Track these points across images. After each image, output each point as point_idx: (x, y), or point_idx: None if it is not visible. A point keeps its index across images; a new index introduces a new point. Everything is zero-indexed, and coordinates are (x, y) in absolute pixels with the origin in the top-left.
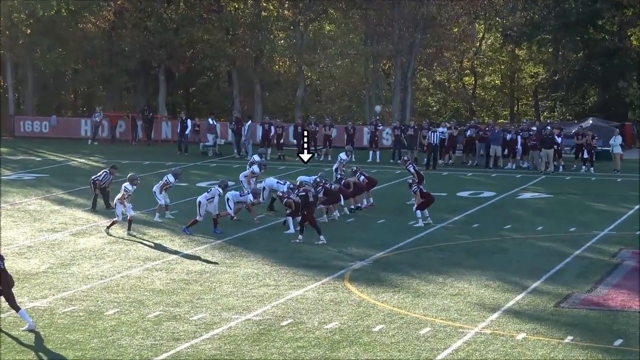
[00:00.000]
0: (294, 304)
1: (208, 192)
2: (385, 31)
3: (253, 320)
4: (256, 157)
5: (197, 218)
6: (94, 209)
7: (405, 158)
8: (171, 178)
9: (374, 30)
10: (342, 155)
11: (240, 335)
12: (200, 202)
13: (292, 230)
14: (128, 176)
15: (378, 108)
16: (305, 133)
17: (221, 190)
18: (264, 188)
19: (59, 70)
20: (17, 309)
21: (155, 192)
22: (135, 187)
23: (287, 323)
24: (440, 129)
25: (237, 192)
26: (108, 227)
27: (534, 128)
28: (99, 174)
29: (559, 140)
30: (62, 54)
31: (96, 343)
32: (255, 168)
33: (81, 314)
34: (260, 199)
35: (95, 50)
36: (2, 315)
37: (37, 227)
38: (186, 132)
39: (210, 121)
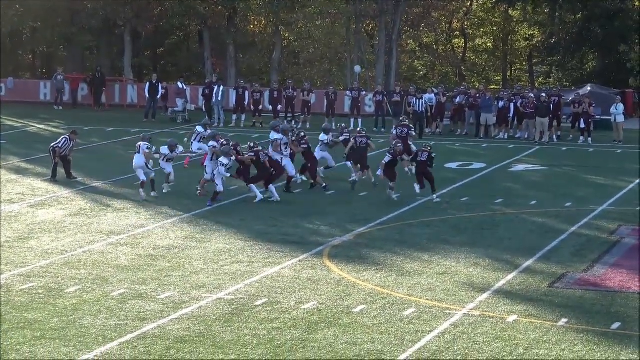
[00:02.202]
0: (268, 283)
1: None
2: None
3: (225, 300)
4: (199, 128)
5: (218, 189)
6: (53, 179)
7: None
8: (200, 128)
9: None
10: (322, 137)
11: (211, 315)
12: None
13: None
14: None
15: (358, 68)
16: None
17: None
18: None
19: (16, 29)
20: None
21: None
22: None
23: (261, 303)
24: (428, 96)
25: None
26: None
27: (532, 95)
28: (58, 140)
29: (566, 110)
30: (20, 10)
31: (56, 323)
32: (199, 128)
33: (40, 291)
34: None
35: (55, 8)
36: None
37: None
38: (157, 97)
39: (180, 85)
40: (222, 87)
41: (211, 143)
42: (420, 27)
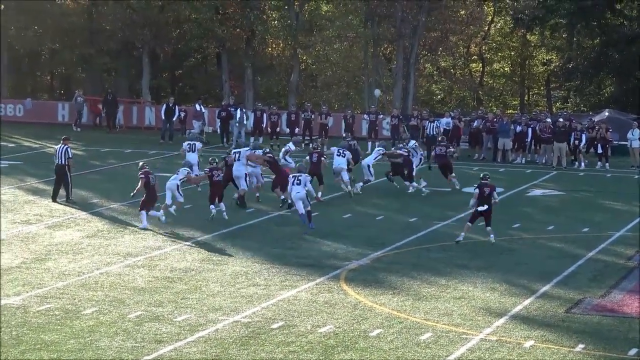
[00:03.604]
0: (285, 306)
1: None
2: (386, 12)
3: (241, 322)
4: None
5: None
6: (54, 199)
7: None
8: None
9: (375, 12)
10: (291, 145)
11: (228, 338)
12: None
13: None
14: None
15: (378, 92)
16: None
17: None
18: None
19: (34, 50)
20: None
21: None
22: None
23: (278, 326)
24: (445, 120)
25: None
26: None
27: (549, 120)
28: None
29: (583, 136)
30: (39, 32)
31: (73, 344)
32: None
33: (57, 312)
34: None
35: (74, 29)
36: None
37: (10, 218)
38: (173, 119)
39: (197, 107)
40: (244, 110)
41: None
42: (438, 51)
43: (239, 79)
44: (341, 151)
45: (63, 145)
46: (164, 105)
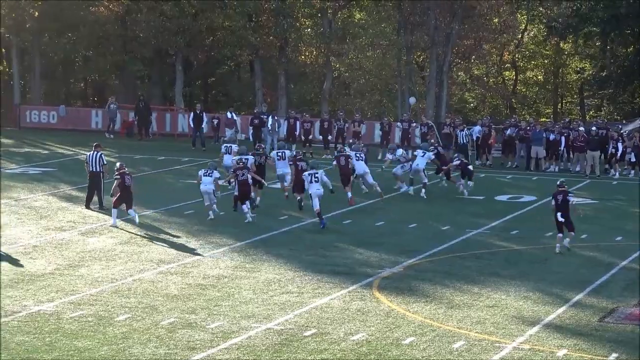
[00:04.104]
0: (318, 313)
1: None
2: (420, 20)
3: (274, 330)
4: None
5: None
6: (88, 206)
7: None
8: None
9: (408, 20)
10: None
11: (260, 345)
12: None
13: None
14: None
15: (412, 100)
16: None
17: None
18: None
19: (68, 57)
20: None
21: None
22: None
23: (310, 333)
24: (477, 128)
25: None
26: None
27: (582, 128)
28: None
29: (619, 145)
30: (72, 39)
31: (106, 351)
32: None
33: (90, 319)
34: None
35: (107, 36)
36: (4, 320)
37: (44, 225)
38: (202, 126)
39: (229, 115)
40: (276, 118)
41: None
42: (471, 59)
43: (272, 87)
44: (359, 155)
45: (96, 152)
46: (192, 112)
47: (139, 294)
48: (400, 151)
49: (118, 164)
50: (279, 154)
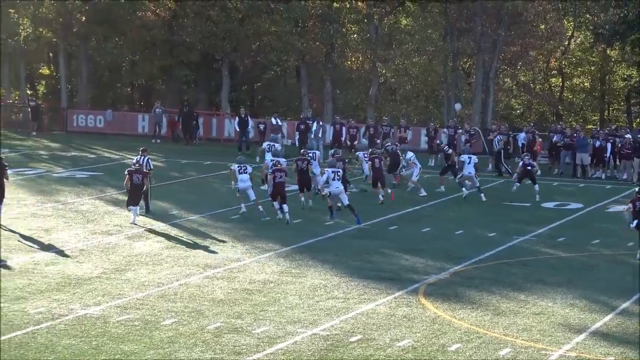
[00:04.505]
0: (363, 319)
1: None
2: (466, 27)
3: (320, 335)
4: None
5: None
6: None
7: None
8: None
9: (454, 26)
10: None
11: (306, 350)
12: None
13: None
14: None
15: (458, 106)
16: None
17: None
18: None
19: (115, 62)
20: None
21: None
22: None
23: (356, 339)
24: (522, 135)
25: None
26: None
27: (628, 135)
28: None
29: None
30: (119, 44)
31: (152, 355)
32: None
33: (136, 323)
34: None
35: (154, 41)
36: (51, 323)
37: (90, 229)
38: (247, 130)
39: (274, 121)
40: (321, 124)
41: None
42: (517, 66)
43: (317, 92)
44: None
45: (143, 157)
46: (237, 117)
47: (185, 298)
48: (410, 155)
49: (134, 159)
50: (310, 154)
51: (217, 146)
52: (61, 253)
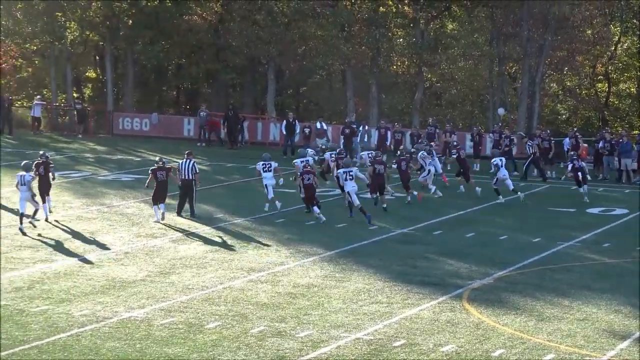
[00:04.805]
0: (407, 324)
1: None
2: (512, 31)
3: (363, 340)
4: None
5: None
6: (182, 213)
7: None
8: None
9: (501, 31)
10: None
11: (350, 355)
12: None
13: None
14: None
15: (502, 111)
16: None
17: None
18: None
19: (161, 65)
20: None
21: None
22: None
23: (399, 344)
24: (567, 140)
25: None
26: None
27: None
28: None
29: None
30: (166, 47)
31: (195, 358)
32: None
33: (180, 326)
34: None
35: (200, 44)
36: (96, 325)
37: (135, 232)
38: (294, 135)
39: (318, 125)
40: (366, 128)
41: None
42: (563, 71)
43: (363, 96)
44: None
45: (189, 160)
46: (284, 121)
47: (229, 301)
48: (422, 154)
49: (157, 157)
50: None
51: (262, 150)
52: (106, 256)
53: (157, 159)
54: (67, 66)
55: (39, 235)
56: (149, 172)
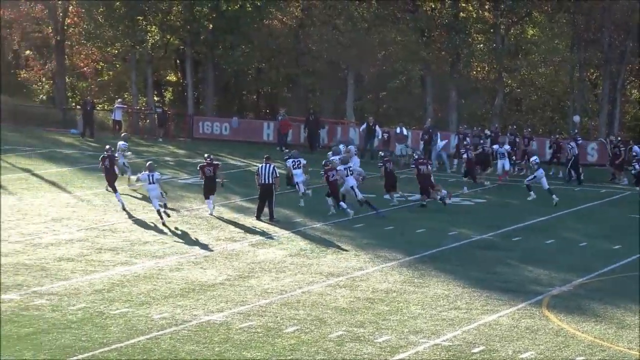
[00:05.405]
0: (486, 330)
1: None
2: (593, 37)
3: (442, 346)
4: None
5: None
6: (259, 218)
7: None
8: None
9: (581, 36)
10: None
11: None
12: None
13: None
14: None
15: (577, 118)
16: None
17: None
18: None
19: (241, 69)
20: None
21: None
22: None
23: (478, 350)
24: (636, 148)
25: None
26: None
27: None
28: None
29: None
30: (246, 51)
31: None
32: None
33: (259, 330)
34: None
35: (280, 49)
36: (175, 328)
37: (215, 235)
38: (374, 139)
39: (398, 130)
40: (438, 135)
41: None
42: None
43: (442, 102)
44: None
45: (268, 165)
46: (365, 124)
47: (307, 306)
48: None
49: (206, 154)
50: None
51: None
52: (185, 259)
53: (205, 155)
54: (148, 70)
55: (123, 232)
56: (198, 168)
